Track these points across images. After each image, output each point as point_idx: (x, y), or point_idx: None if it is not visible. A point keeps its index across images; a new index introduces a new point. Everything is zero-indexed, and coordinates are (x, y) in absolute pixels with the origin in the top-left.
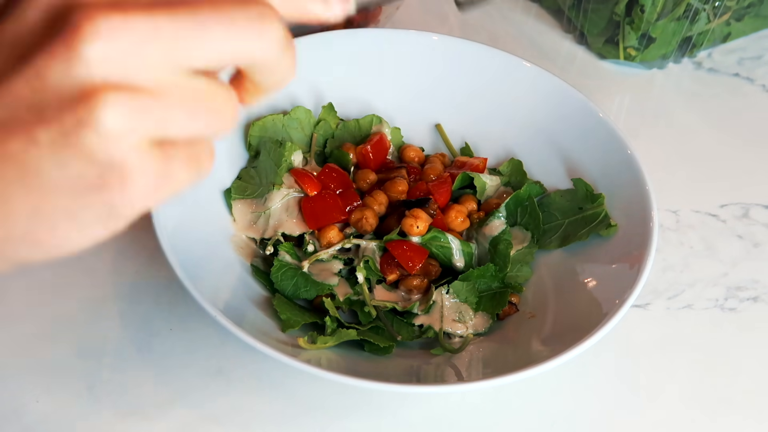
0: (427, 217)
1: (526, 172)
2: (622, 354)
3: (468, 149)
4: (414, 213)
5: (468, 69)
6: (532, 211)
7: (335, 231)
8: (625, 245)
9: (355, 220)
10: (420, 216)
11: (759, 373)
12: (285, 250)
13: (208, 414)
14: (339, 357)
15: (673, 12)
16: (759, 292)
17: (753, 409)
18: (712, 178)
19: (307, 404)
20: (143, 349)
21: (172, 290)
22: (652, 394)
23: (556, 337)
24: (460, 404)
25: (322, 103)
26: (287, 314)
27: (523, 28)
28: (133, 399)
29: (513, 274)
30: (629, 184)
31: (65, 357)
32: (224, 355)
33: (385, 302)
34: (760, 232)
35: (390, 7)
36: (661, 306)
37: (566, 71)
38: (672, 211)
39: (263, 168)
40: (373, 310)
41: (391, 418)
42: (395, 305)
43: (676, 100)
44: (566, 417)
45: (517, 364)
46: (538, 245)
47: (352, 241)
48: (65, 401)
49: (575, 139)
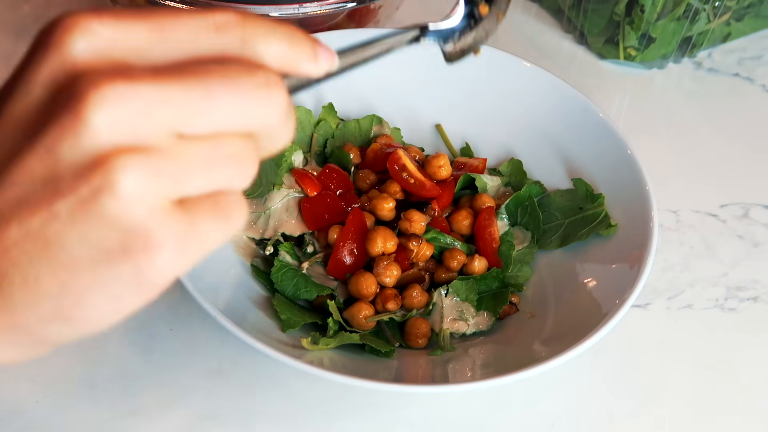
0: (423, 218)
1: (526, 172)
2: (622, 354)
3: (468, 149)
4: (408, 215)
5: (468, 69)
6: (533, 211)
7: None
8: (625, 245)
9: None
10: (413, 218)
11: (759, 373)
12: (285, 250)
13: (208, 414)
14: (339, 357)
15: (673, 12)
16: (759, 292)
17: (753, 409)
18: (712, 178)
19: (307, 404)
20: (143, 349)
21: (172, 290)
22: (652, 394)
23: (556, 337)
24: (460, 404)
25: (322, 103)
26: (287, 314)
27: (523, 28)
28: (133, 399)
29: (513, 274)
30: (629, 184)
31: (65, 357)
32: (224, 355)
33: (382, 317)
34: (760, 232)
35: (390, 7)
36: (661, 306)
37: (566, 71)
38: (672, 211)
39: (263, 168)
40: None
41: (391, 418)
42: (393, 315)
43: (676, 100)
44: (566, 417)
45: (517, 364)
46: (538, 245)
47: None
48: (65, 401)
49: (575, 139)
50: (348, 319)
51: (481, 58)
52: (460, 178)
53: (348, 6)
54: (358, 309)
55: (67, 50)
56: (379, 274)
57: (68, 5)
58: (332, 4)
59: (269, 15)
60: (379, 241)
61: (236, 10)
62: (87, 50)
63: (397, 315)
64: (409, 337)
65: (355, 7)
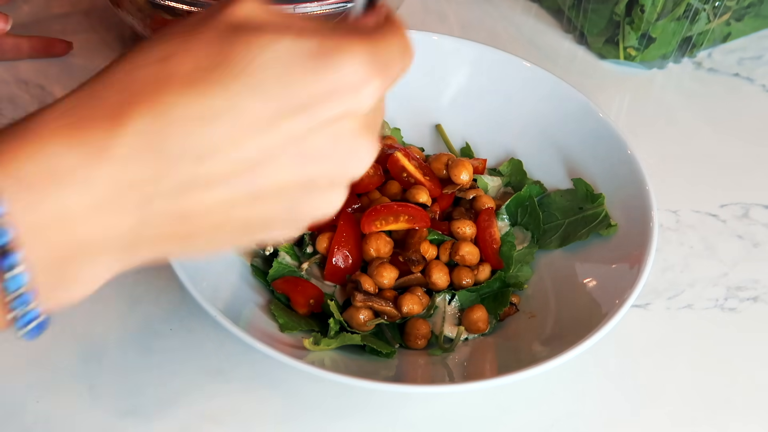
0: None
1: (526, 172)
2: (622, 354)
3: (468, 149)
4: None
5: (468, 69)
6: (533, 211)
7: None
8: (625, 245)
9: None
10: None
11: (759, 373)
12: (285, 250)
13: (208, 414)
14: (339, 357)
15: (673, 12)
16: (759, 292)
17: (753, 409)
18: (712, 178)
19: (307, 404)
20: (143, 350)
21: (172, 290)
22: (652, 394)
23: (556, 337)
24: (460, 404)
25: None
26: (285, 319)
27: (523, 28)
28: (133, 399)
29: (513, 274)
30: (629, 184)
31: (65, 357)
32: (224, 355)
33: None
34: (760, 232)
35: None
36: (661, 306)
37: (566, 71)
38: (672, 211)
39: None
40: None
41: (391, 418)
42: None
43: (676, 100)
44: (566, 417)
45: (517, 364)
46: (538, 245)
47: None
48: (65, 401)
49: (575, 139)
50: (347, 320)
51: (481, 58)
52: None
53: (348, 6)
54: (357, 310)
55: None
56: (374, 276)
57: (69, 7)
58: (332, 4)
59: None
60: (372, 250)
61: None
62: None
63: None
64: (409, 337)
65: None
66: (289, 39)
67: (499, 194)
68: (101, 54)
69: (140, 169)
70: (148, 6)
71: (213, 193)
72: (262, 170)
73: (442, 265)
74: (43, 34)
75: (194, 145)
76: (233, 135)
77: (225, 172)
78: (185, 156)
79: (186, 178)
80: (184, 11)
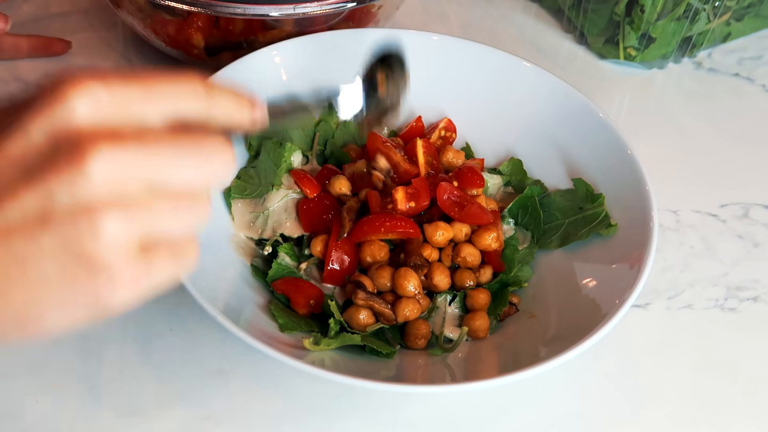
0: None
1: (527, 172)
2: (622, 354)
3: (468, 149)
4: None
5: (468, 69)
6: (533, 211)
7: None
8: (625, 245)
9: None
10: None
11: (759, 373)
12: (284, 251)
13: (208, 414)
14: (339, 357)
15: (673, 12)
16: (759, 292)
17: (753, 409)
18: (712, 178)
19: (307, 404)
20: (143, 350)
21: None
22: (652, 394)
23: (556, 337)
24: (460, 404)
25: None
26: (284, 319)
27: (523, 28)
28: (133, 399)
29: (513, 274)
30: (629, 184)
31: (65, 357)
32: (224, 355)
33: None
34: (760, 232)
35: (390, 7)
36: (661, 306)
37: (566, 71)
38: (672, 211)
39: (263, 168)
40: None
41: (391, 418)
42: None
43: (676, 100)
44: (566, 417)
45: (517, 364)
46: (539, 245)
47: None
48: (65, 401)
49: (575, 139)
50: (347, 320)
51: (481, 58)
52: None
53: (348, 6)
54: (358, 310)
55: (72, 109)
56: (375, 279)
57: (68, 6)
58: (332, 4)
59: (269, 15)
60: (368, 257)
61: (201, 77)
62: (88, 111)
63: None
64: (409, 337)
65: (355, 7)
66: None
67: (499, 193)
68: (100, 53)
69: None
70: (148, 6)
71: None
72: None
73: (444, 268)
74: (42, 33)
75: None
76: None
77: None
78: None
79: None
80: (183, 11)
